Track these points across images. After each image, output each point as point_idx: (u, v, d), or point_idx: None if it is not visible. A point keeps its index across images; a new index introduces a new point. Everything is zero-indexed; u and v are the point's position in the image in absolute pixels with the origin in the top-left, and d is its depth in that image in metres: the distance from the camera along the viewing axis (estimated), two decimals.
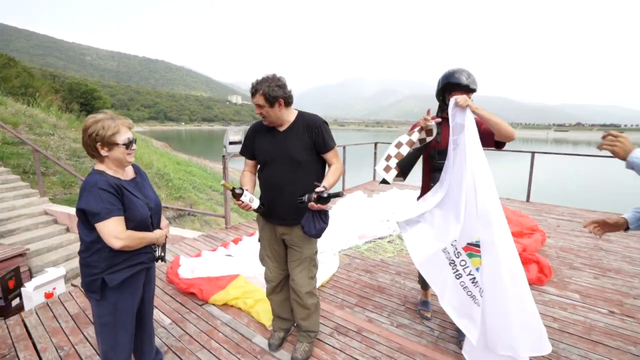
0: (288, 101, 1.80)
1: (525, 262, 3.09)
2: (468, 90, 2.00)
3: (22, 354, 2.04)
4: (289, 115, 1.86)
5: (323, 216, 1.80)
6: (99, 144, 1.39)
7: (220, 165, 21.32)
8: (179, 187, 10.54)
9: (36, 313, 2.47)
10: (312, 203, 1.68)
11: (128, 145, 1.45)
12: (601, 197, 13.05)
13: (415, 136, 2.05)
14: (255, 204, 1.82)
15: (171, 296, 2.73)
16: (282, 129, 1.85)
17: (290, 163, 1.81)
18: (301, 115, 1.89)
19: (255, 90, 1.74)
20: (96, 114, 1.44)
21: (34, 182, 6.33)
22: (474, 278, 1.78)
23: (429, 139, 2.09)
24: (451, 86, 2.03)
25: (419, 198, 2.29)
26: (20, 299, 2.84)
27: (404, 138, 2.05)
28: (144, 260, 1.55)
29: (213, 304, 2.59)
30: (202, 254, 3.33)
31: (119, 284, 1.44)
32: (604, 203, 7.15)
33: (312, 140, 1.83)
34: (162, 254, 1.65)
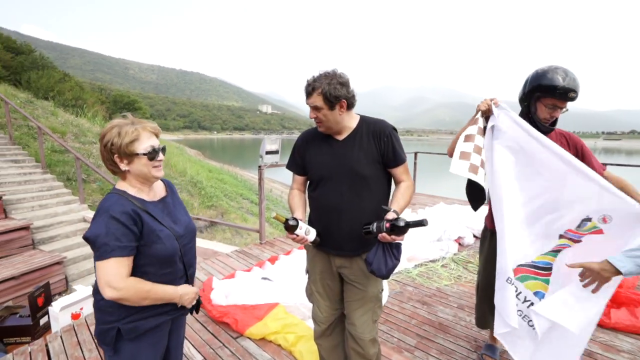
0: (351, 102, 1.45)
1: (628, 302, 2.48)
2: (564, 97, 1.56)
3: None
4: (350, 121, 1.50)
5: (395, 250, 1.38)
6: (115, 155, 1.10)
7: (250, 173, 21.59)
8: (211, 196, 10.56)
9: (61, 338, 2.27)
10: (385, 234, 1.29)
11: (152, 155, 1.13)
12: None
13: (482, 122, 1.63)
14: (312, 235, 1.47)
15: (202, 324, 2.44)
16: (341, 137, 1.50)
17: (352, 179, 1.45)
18: (364, 120, 1.54)
19: (312, 88, 1.38)
20: (115, 119, 1.14)
21: (76, 189, 6.46)
22: (532, 303, 1.52)
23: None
24: (543, 89, 1.59)
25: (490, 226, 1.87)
26: (49, 316, 2.68)
27: (472, 129, 1.62)
28: (169, 309, 1.20)
29: (249, 338, 2.26)
30: (235, 274, 3.03)
31: (138, 336, 1.13)
32: None
33: (380, 151, 1.47)
34: (196, 304, 1.30)
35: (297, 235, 1.42)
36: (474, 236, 4.24)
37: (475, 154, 1.57)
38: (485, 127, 1.63)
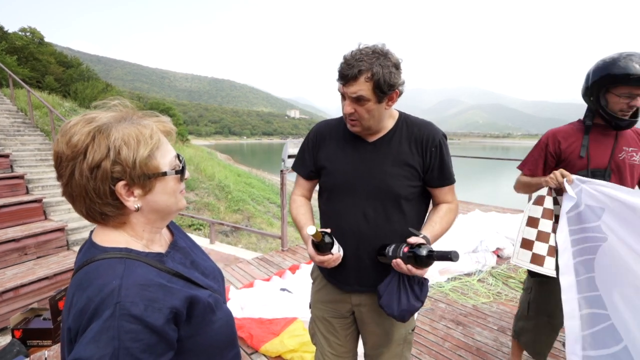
0: (401, 93, 1.08)
1: None
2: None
3: None
4: (389, 118, 1.14)
5: (417, 287, 1.04)
6: (122, 183, 0.60)
7: (278, 177, 21.82)
8: (238, 200, 10.69)
9: None
10: (399, 260, 0.99)
11: (182, 170, 0.69)
12: None
13: (550, 202, 1.44)
14: (342, 252, 1.13)
15: None
16: (372, 138, 1.14)
17: (381, 197, 1.10)
18: (405, 119, 1.16)
19: (357, 71, 0.96)
20: (86, 114, 0.62)
21: None
22: None
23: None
24: (613, 79, 1.36)
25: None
26: None
27: (536, 210, 1.44)
28: None
29: (264, 355, 2.11)
30: (254, 283, 2.91)
31: None
32: None
33: (424, 164, 1.11)
34: None
35: (333, 255, 1.05)
36: None
37: (539, 242, 1.41)
38: (552, 208, 1.43)
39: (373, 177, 1.11)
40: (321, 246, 1.02)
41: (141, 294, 0.55)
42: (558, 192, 1.43)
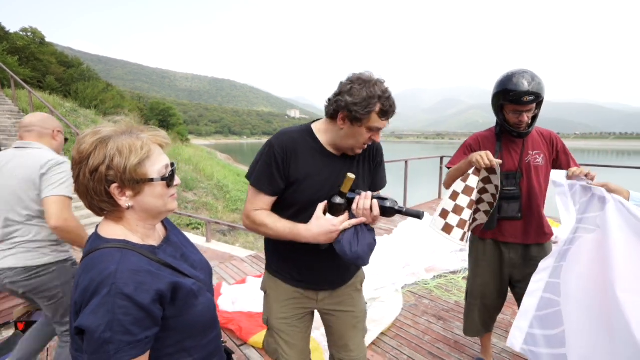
0: None
1: None
2: (519, 101, 1.48)
3: None
4: None
5: (367, 226, 1.11)
6: (115, 185, 0.72)
7: None
8: (237, 199, 10.82)
9: None
10: (370, 193, 1.08)
11: (170, 179, 0.79)
12: None
13: (474, 181, 1.53)
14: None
15: None
16: (339, 151, 1.20)
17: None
18: None
19: (394, 109, 1.10)
20: (96, 127, 0.76)
21: None
22: None
23: (495, 179, 1.57)
24: (500, 97, 1.55)
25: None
26: None
27: (459, 185, 1.56)
28: None
29: (253, 346, 2.23)
30: (246, 280, 3.03)
31: None
32: None
33: (371, 172, 1.29)
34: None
35: (345, 214, 1.10)
36: None
37: (453, 215, 1.53)
38: (473, 187, 1.53)
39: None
40: (338, 206, 1.08)
41: (132, 277, 0.66)
42: (490, 171, 1.53)
